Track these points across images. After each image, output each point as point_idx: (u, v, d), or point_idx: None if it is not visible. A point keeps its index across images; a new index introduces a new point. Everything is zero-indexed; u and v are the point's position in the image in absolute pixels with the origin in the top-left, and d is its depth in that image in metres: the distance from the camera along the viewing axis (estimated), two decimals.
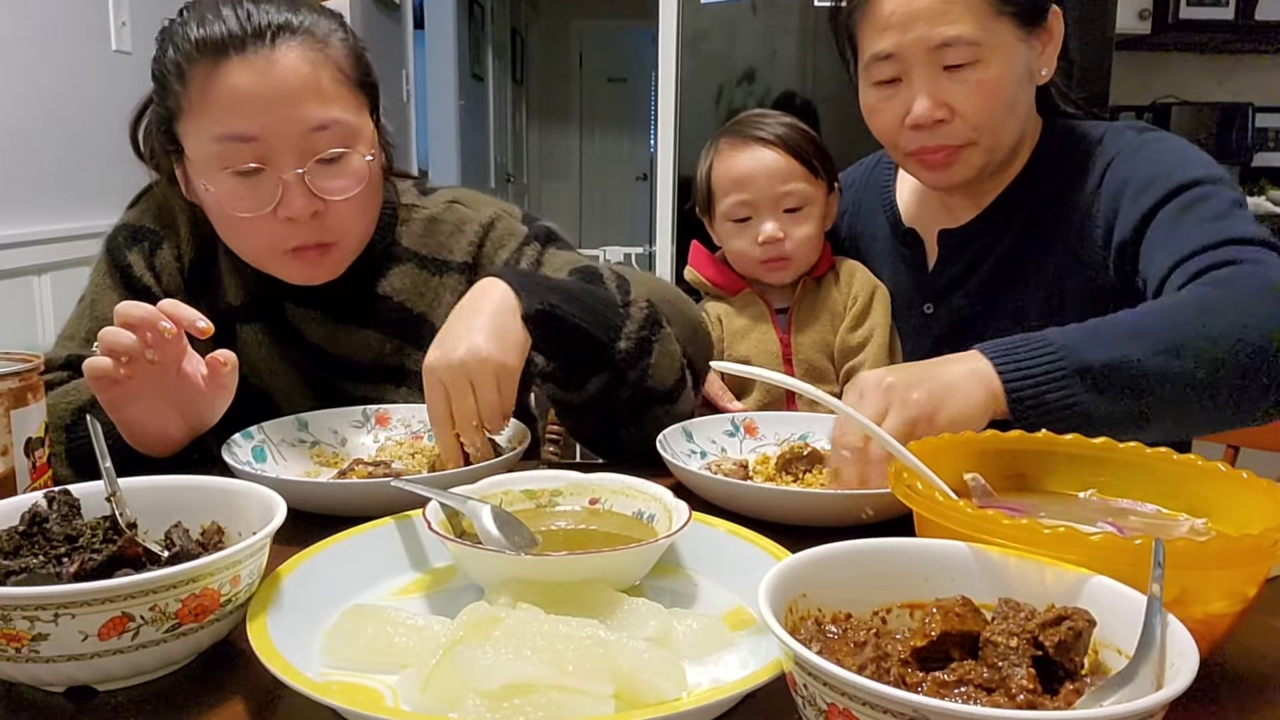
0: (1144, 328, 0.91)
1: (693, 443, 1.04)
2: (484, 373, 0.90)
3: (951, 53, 1.11)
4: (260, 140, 0.99)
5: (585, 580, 0.64)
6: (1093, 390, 0.87)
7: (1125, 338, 0.90)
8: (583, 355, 1.00)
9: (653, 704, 0.53)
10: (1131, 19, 2.92)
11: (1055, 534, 0.56)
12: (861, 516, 0.83)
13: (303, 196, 1.00)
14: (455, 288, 1.18)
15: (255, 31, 0.98)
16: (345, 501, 0.86)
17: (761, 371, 0.79)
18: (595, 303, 1.00)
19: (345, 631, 0.61)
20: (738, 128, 1.41)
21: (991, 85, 1.12)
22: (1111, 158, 1.16)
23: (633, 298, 1.03)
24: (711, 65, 2.64)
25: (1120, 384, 0.87)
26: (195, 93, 0.99)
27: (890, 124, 1.19)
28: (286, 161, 1.00)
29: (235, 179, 1.00)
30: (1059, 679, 0.50)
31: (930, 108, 1.13)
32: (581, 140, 9.09)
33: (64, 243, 2.08)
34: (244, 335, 1.16)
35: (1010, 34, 1.13)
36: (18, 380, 0.78)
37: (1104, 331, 0.91)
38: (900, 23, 1.13)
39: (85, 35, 2.18)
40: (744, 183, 1.36)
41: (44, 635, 0.54)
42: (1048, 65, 1.19)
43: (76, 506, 0.68)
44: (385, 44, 4.08)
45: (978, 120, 1.14)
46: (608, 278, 1.06)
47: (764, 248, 1.36)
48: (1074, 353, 0.88)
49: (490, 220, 1.21)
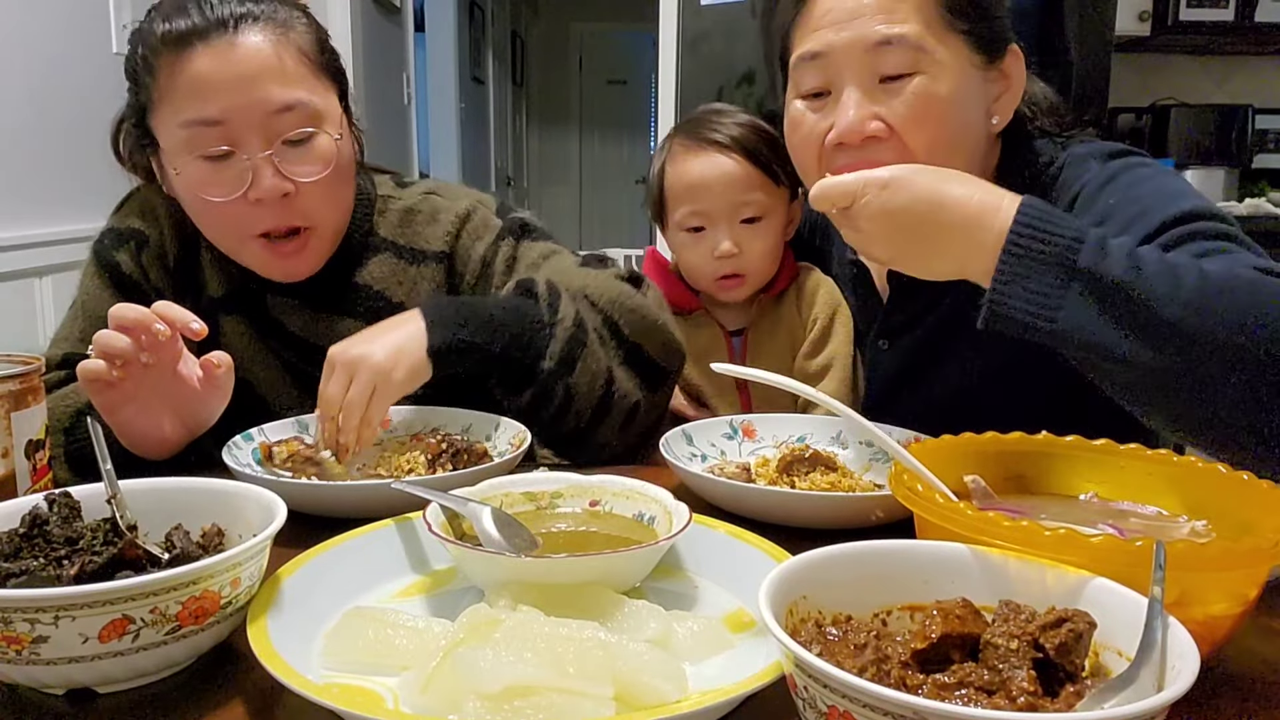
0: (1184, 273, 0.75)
1: (693, 445, 1.04)
2: (364, 375, 0.93)
3: (890, 57, 0.96)
4: (225, 123, 1.02)
5: (586, 582, 0.64)
6: (1090, 304, 0.74)
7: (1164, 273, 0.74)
8: (508, 373, 1.04)
9: (653, 706, 0.53)
10: (1131, 21, 2.92)
11: (1056, 536, 0.56)
12: (871, 519, 0.83)
13: (271, 177, 1.03)
14: (433, 277, 1.20)
15: (218, 21, 1.02)
16: (345, 504, 0.86)
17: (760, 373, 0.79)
18: (519, 326, 1.03)
19: (346, 633, 0.61)
20: (692, 127, 1.31)
21: (936, 102, 0.96)
22: (1076, 193, 1.00)
23: (560, 316, 1.05)
24: (711, 67, 2.65)
25: (1125, 315, 0.73)
26: (163, 83, 1.03)
27: (811, 143, 1.01)
28: (253, 144, 1.02)
29: (205, 164, 1.03)
30: (1059, 681, 0.50)
31: (862, 119, 0.97)
32: (582, 143, 9.09)
33: (65, 245, 2.08)
34: (226, 326, 1.18)
35: (963, 55, 0.99)
36: (18, 382, 0.78)
37: (1141, 255, 0.76)
38: (838, 19, 0.97)
39: (86, 38, 2.18)
40: (698, 192, 1.27)
41: (44, 637, 0.54)
42: (1002, 114, 1.04)
43: (77, 509, 0.68)
44: (386, 47, 4.08)
45: (916, 142, 0.97)
46: (541, 293, 1.07)
47: (719, 262, 1.28)
48: (1091, 255, 0.75)
49: (466, 211, 1.22)
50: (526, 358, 1.03)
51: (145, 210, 1.19)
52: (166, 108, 1.03)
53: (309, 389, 1.15)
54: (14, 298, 1.97)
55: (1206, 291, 0.74)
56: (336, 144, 1.07)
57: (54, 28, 2.07)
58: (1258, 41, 3.14)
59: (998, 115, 1.04)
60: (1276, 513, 0.62)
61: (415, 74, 4.51)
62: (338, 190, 1.11)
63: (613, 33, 8.67)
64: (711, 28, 2.62)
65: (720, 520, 0.76)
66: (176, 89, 1.02)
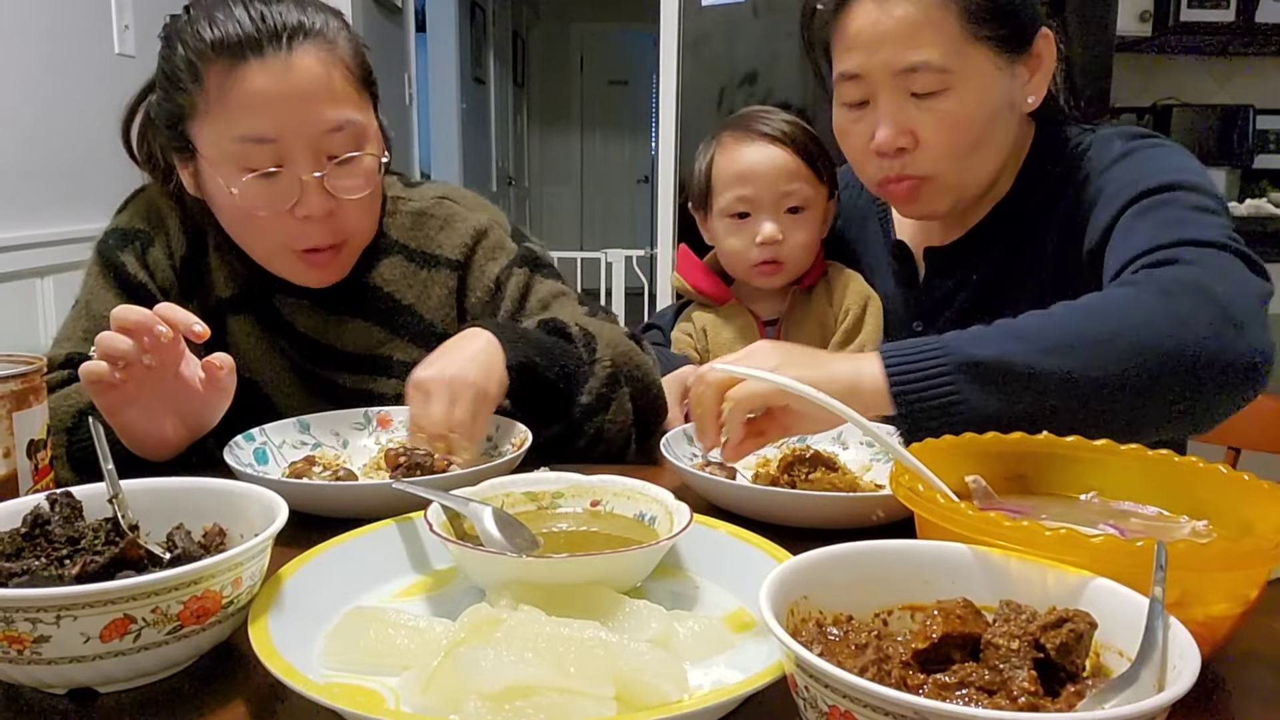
0: (1040, 326, 0.87)
1: (694, 446, 1.04)
2: (465, 394, 0.94)
3: (918, 79, 1.06)
4: (279, 141, 1.02)
5: (587, 582, 0.64)
6: (977, 387, 0.84)
7: (1017, 335, 0.86)
8: (546, 406, 1.04)
9: (654, 706, 0.53)
10: (1132, 21, 2.92)
11: (1056, 536, 0.56)
12: (872, 519, 0.83)
13: (319, 196, 1.04)
14: (445, 283, 1.21)
15: (271, 34, 1.00)
16: (347, 503, 0.86)
17: (759, 373, 0.79)
18: (563, 358, 1.05)
19: (347, 633, 0.61)
20: (742, 121, 1.37)
21: (959, 119, 1.07)
22: (1095, 169, 1.12)
23: (598, 356, 1.06)
24: (712, 68, 2.65)
25: (1007, 382, 0.83)
26: (213, 94, 1.01)
27: (858, 147, 1.14)
28: (304, 162, 1.03)
29: (254, 180, 1.03)
30: (1060, 681, 0.50)
31: (893, 135, 1.08)
32: (583, 143, 9.09)
33: (66, 245, 2.08)
34: (233, 327, 1.18)
35: (986, 62, 1.07)
36: (20, 382, 0.78)
37: (1000, 329, 0.88)
38: (867, 43, 1.07)
39: (88, 38, 2.18)
40: (747, 178, 1.33)
41: (46, 637, 0.54)
42: (1035, 93, 1.13)
43: (78, 508, 0.68)
44: (387, 47, 4.08)
45: (939, 153, 1.09)
46: (575, 335, 1.08)
47: (761, 248, 1.33)
48: (960, 350, 0.85)
49: (485, 227, 1.23)
50: (566, 389, 1.04)
51: (150, 210, 1.18)
52: (215, 120, 1.02)
53: (315, 389, 1.16)
54: (14, 298, 1.97)
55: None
56: (376, 162, 1.08)
57: (54, 28, 2.07)
58: (1259, 42, 3.13)
59: (1032, 95, 1.12)
60: (1277, 513, 0.62)
61: (416, 74, 4.51)
62: (374, 204, 1.13)
63: (613, 33, 8.67)
64: (712, 28, 2.62)
65: (720, 520, 0.76)
66: (229, 104, 1.01)
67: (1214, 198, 1.01)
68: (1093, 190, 1.10)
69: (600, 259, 4.66)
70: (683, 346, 1.41)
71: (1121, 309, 0.88)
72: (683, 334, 1.43)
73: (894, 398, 0.86)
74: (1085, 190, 1.11)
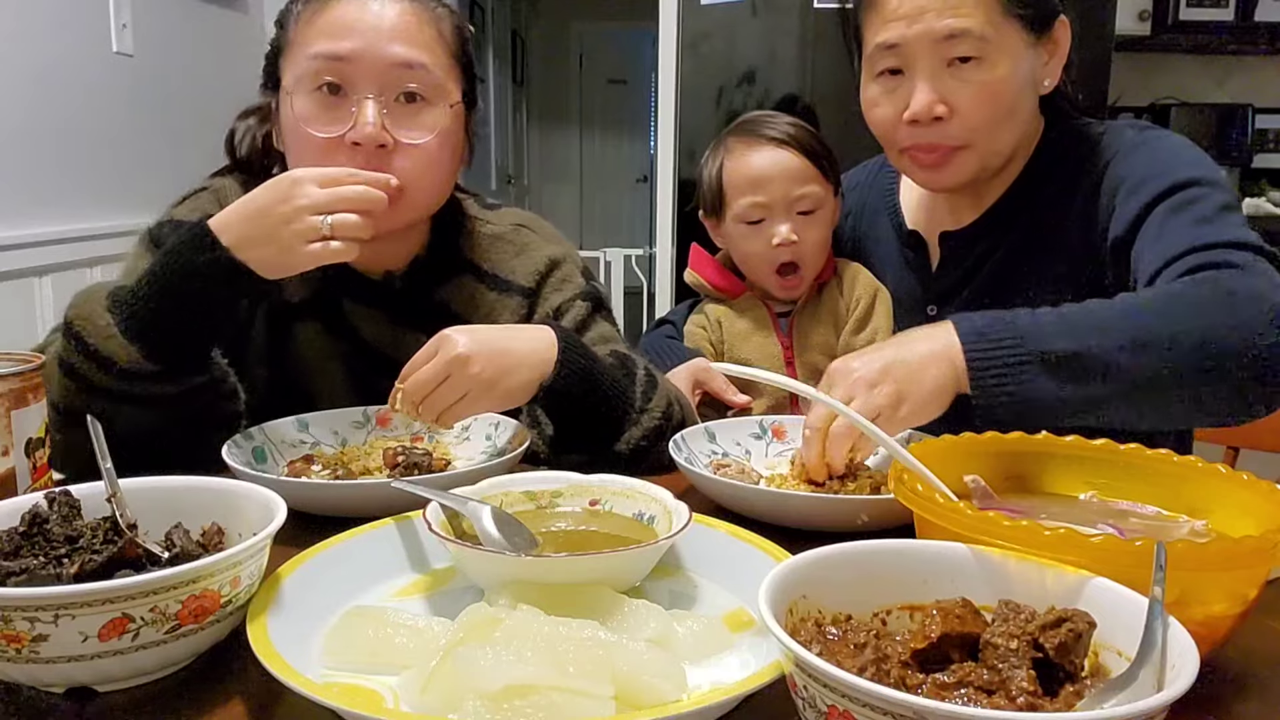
0: (1112, 320, 0.92)
1: (715, 444, 1.04)
2: (463, 376, 0.92)
3: (958, 45, 1.10)
4: (348, 62, 1.04)
5: (585, 582, 0.64)
6: (1051, 377, 0.88)
7: (1092, 329, 0.91)
8: (579, 434, 1.03)
9: (653, 705, 0.53)
10: (1131, 20, 2.92)
11: (1055, 536, 0.56)
12: (857, 523, 0.83)
13: (372, 121, 1.04)
14: (516, 309, 1.21)
15: None
16: (345, 502, 0.86)
17: (761, 372, 0.79)
18: (615, 392, 1.03)
19: (345, 633, 0.61)
20: (749, 127, 1.39)
21: (994, 87, 1.12)
22: (1111, 157, 1.16)
23: (650, 406, 1.05)
24: (712, 67, 2.64)
25: (1079, 374, 0.88)
26: (302, 26, 1.08)
27: (889, 118, 1.18)
28: (365, 86, 1.04)
29: (317, 95, 1.05)
30: (1059, 681, 0.50)
31: (930, 102, 1.12)
32: (582, 142, 9.08)
33: (65, 245, 2.08)
34: (298, 332, 1.17)
35: (1018, 37, 1.12)
36: (19, 380, 0.78)
37: (1072, 320, 0.92)
38: (909, 14, 1.12)
39: (86, 37, 2.18)
40: (760, 183, 1.34)
41: (44, 636, 0.54)
42: (1051, 76, 1.18)
43: (77, 507, 0.68)
44: None
45: (975, 121, 1.13)
46: (639, 377, 1.07)
47: (778, 250, 1.34)
48: (1039, 340, 0.90)
49: (559, 258, 1.24)
50: (607, 421, 1.03)
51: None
52: (299, 46, 1.07)
53: (368, 400, 1.13)
54: (14, 298, 1.97)
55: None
56: (445, 122, 1.08)
57: (54, 27, 2.06)
58: (1258, 41, 3.14)
59: (1047, 78, 1.18)
60: (1276, 513, 0.62)
61: None
62: (436, 168, 1.10)
63: (613, 32, 8.66)
64: (712, 27, 2.62)
65: (721, 520, 0.76)
66: (313, 28, 1.06)
67: (1232, 193, 1.09)
68: (1114, 177, 1.14)
69: (599, 258, 4.65)
70: (697, 339, 1.43)
71: (1190, 309, 0.92)
72: (696, 326, 1.44)
73: (974, 385, 0.89)
74: (1105, 177, 1.15)
